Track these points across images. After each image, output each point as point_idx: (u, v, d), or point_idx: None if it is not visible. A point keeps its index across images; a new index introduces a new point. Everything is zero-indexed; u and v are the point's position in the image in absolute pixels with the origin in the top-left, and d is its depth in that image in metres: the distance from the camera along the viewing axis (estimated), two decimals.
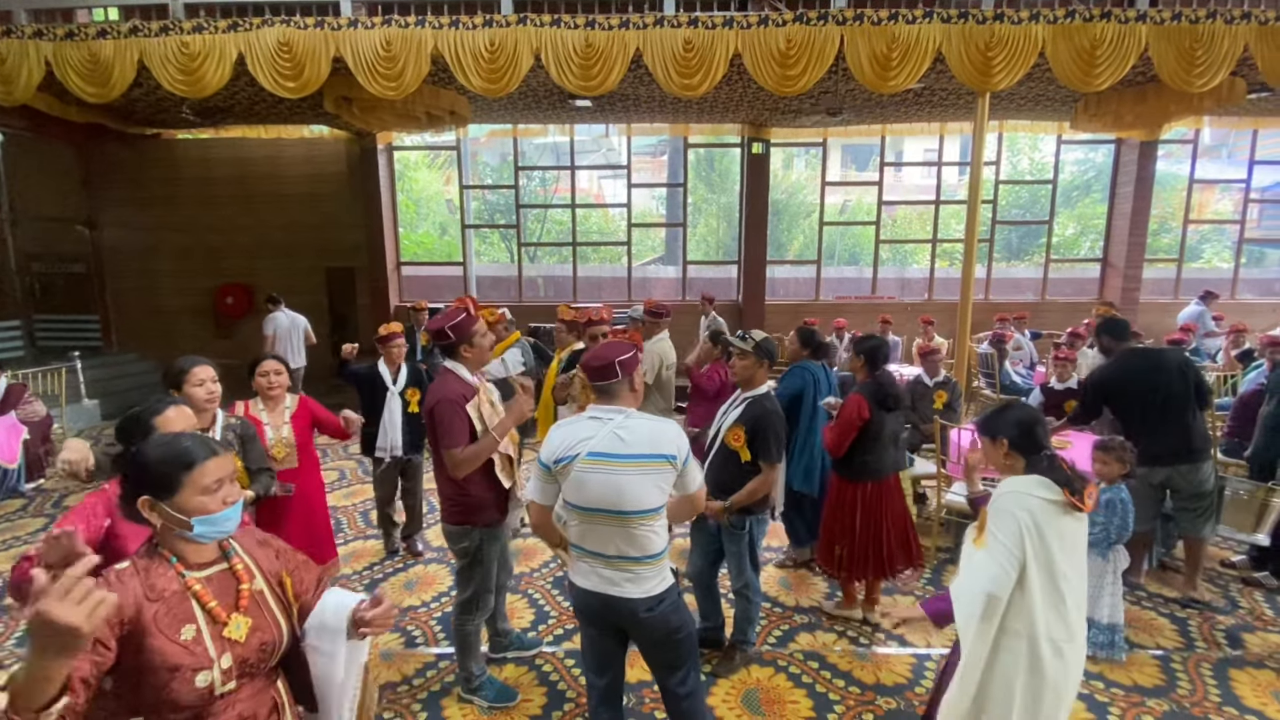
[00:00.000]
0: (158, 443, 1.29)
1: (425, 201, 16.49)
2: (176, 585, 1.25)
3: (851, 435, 3.00)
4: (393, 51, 5.10)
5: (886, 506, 3.13)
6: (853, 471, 3.11)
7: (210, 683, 1.24)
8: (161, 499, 1.23)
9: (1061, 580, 1.73)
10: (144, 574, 1.23)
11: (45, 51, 5.21)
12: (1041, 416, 2.01)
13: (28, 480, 5.41)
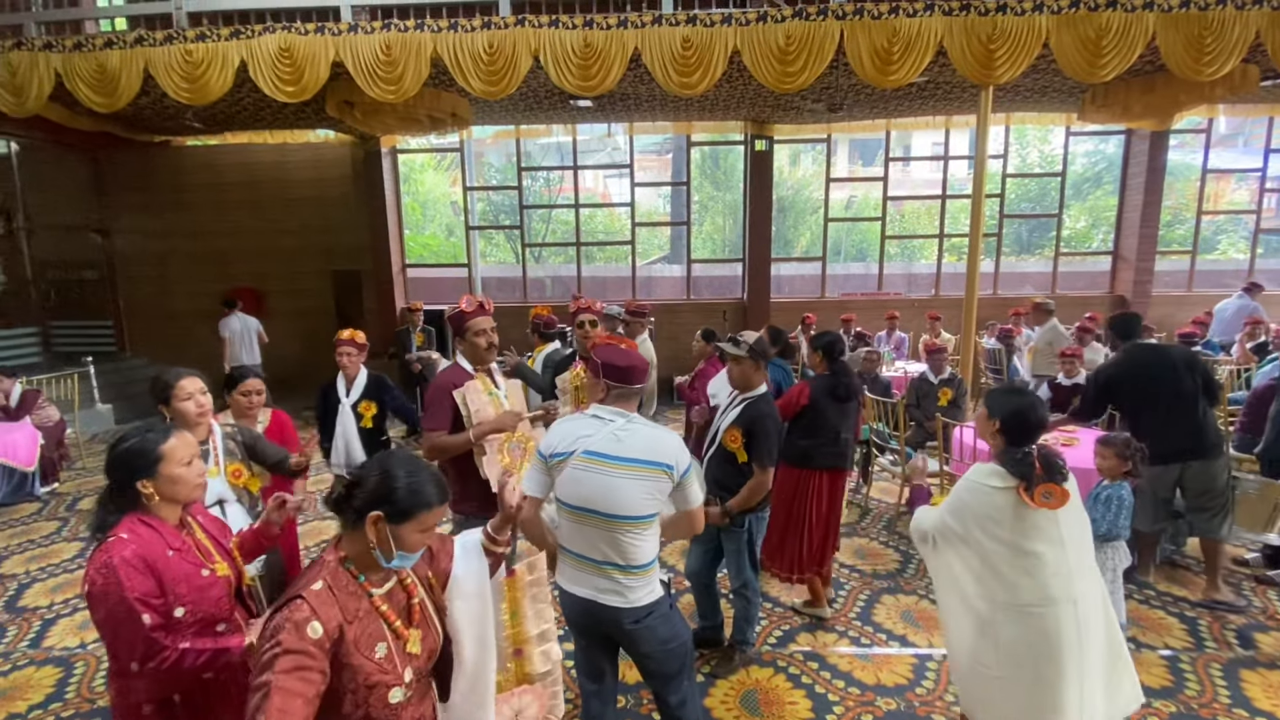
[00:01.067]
0: (413, 469, 1.31)
1: (432, 203, 16.56)
2: (365, 604, 1.28)
3: (783, 416, 3.01)
4: (392, 55, 5.12)
5: (812, 501, 3.15)
6: (781, 454, 3.05)
7: (400, 698, 1.28)
8: (391, 522, 1.25)
9: (1024, 556, 1.81)
10: (339, 594, 1.24)
11: (55, 63, 5.28)
12: (1045, 417, 2.00)
13: (43, 484, 5.51)
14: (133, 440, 1.58)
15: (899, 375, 6.24)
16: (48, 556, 4.33)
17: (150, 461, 1.55)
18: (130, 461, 1.55)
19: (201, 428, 2.30)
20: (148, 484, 1.55)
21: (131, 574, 1.44)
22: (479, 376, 2.54)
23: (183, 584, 1.53)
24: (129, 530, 1.52)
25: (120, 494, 1.56)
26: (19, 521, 4.97)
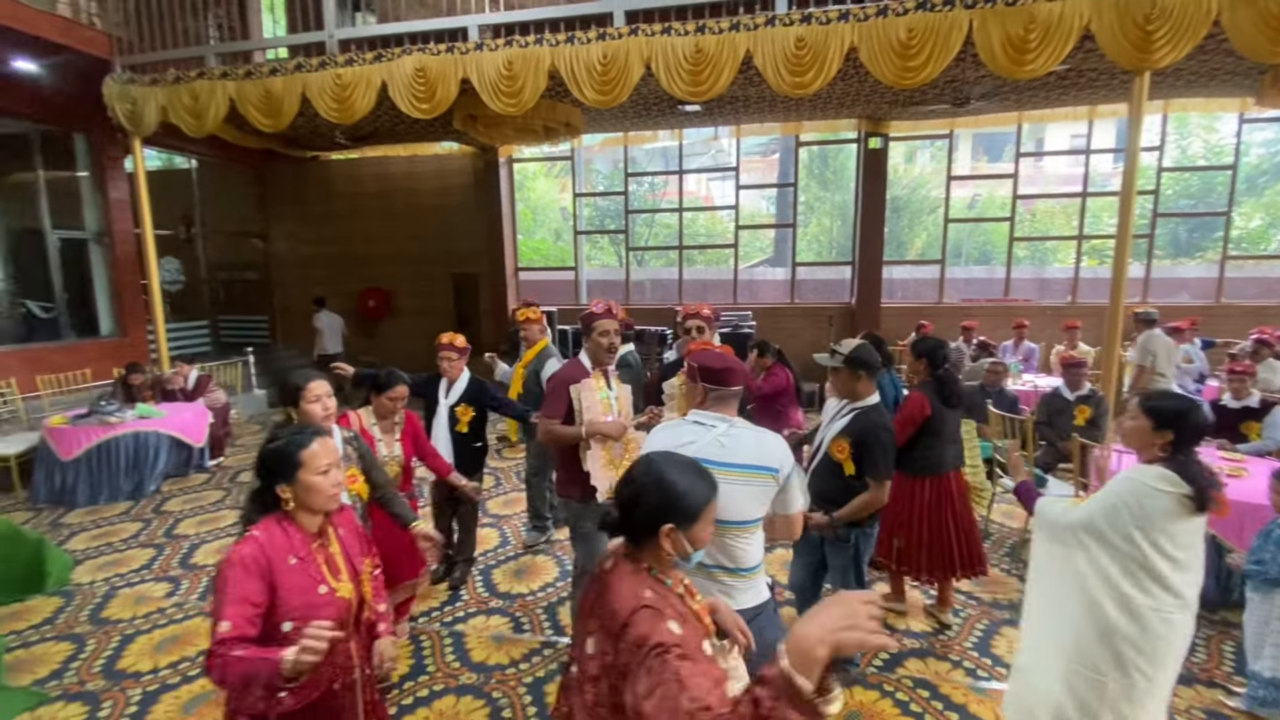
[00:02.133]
0: (680, 469, 1.31)
1: (542, 209, 17.30)
2: (683, 605, 1.29)
3: (910, 430, 3.08)
4: (514, 71, 5.41)
5: (948, 504, 3.17)
6: (913, 466, 3.14)
7: None
8: (681, 527, 1.27)
9: (1174, 561, 1.82)
10: (668, 601, 1.25)
11: (230, 89, 6.05)
12: (1205, 424, 1.98)
13: (210, 458, 6.31)
14: (279, 442, 1.57)
15: (1027, 389, 5.75)
16: (214, 521, 4.97)
17: (290, 466, 1.54)
18: (272, 464, 1.55)
19: None
20: (286, 489, 1.55)
21: (238, 573, 1.43)
22: (595, 375, 2.66)
23: (296, 596, 1.49)
24: (263, 529, 1.53)
25: (264, 494, 1.58)
26: (191, 490, 5.72)
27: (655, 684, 1.03)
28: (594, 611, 1.30)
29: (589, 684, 1.24)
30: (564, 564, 4.13)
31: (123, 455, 5.40)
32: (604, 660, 1.21)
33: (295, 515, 1.58)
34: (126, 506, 5.29)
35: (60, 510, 5.21)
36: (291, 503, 1.55)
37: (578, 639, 1.36)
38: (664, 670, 1.04)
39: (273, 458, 1.55)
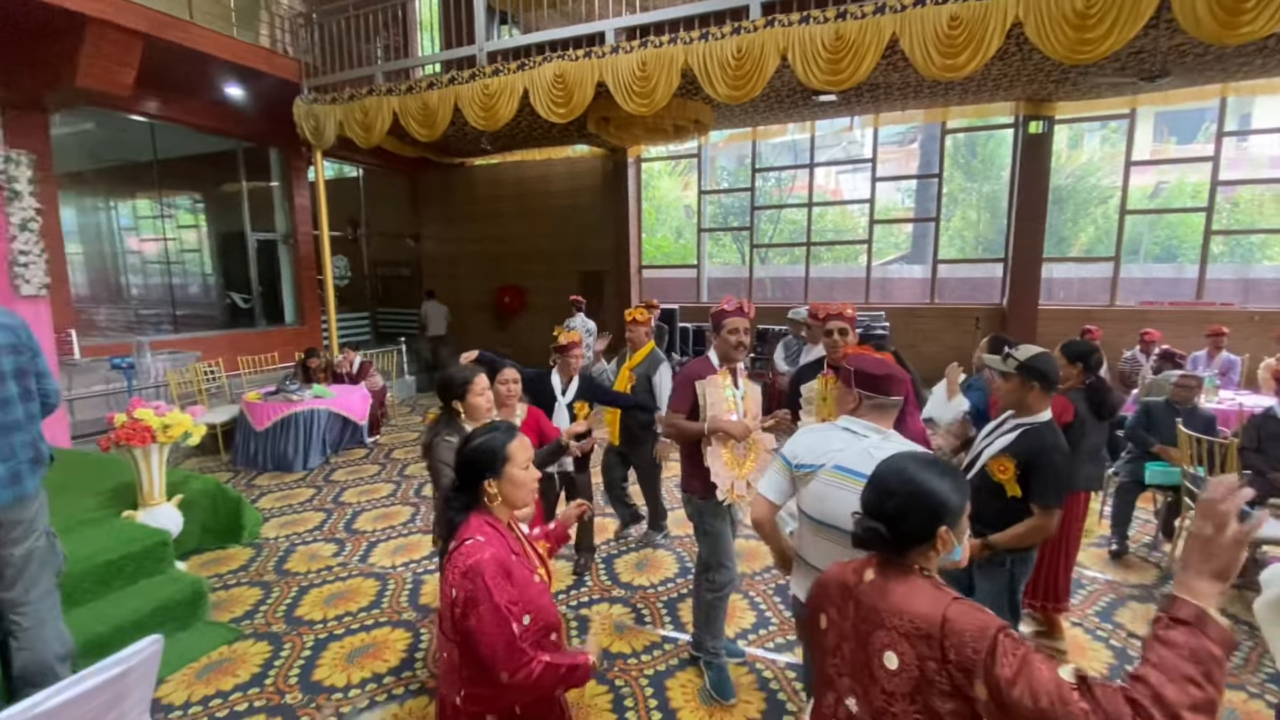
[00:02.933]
0: (942, 469, 1.31)
1: (664, 208, 17.43)
2: None
3: None
4: (647, 71, 5.49)
5: (1063, 528, 2.86)
6: None
7: None
8: (953, 524, 1.29)
9: None
10: None
11: (393, 104, 6.70)
12: None
13: (370, 435, 7.05)
14: (483, 439, 1.57)
15: (1228, 408, 4.92)
16: (372, 492, 5.54)
17: (499, 461, 1.54)
18: (480, 460, 1.54)
19: None
20: (494, 484, 1.55)
21: (498, 579, 1.42)
22: (722, 373, 2.63)
23: (527, 589, 1.52)
24: (478, 530, 1.51)
25: (466, 492, 1.58)
26: (353, 463, 6.42)
27: (1019, 665, 1.04)
28: (869, 632, 1.23)
29: (900, 702, 1.17)
30: (684, 560, 4.14)
31: (301, 429, 6.17)
32: (923, 671, 1.14)
33: (497, 512, 1.58)
34: (302, 474, 6.04)
35: (252, 473, 6.07)
36: (499, 498, 1.56)
37: (848, 669, 1.28)
38: (1016, 648, 1.06)
39: (482, 454, 1.55)
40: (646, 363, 4.00)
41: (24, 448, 2.00)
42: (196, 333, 8.54)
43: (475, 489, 1.57)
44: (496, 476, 1.55)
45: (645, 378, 3.94)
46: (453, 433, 2.35)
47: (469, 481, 1.57)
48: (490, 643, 1.41)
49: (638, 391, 3.94)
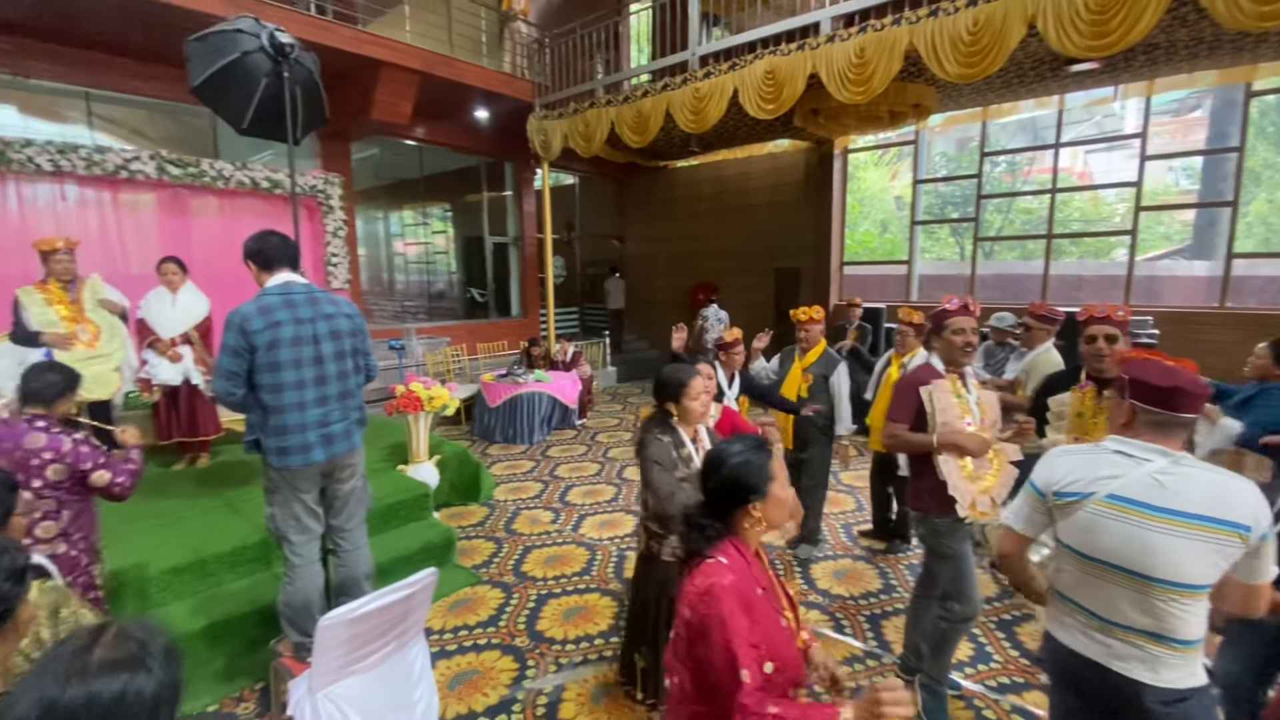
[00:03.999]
0: None
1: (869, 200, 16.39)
2: None
3: None
4: (865, 57, 5.23)
5: None
6: None
7: None
8: None
9: None
10: None
11: (611, 114, 7.22)
12: None
13: (579, 418, 7.72)
14: (746, 457, 1.38)
15: None
16: (581, 470, 6.07)
17: (766, 480, 1.37)
18: (749, 479, 1.36)
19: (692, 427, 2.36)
20: (758, 506, 1.37)
21: (735, 610, 1.26)
22: (949, 377, 2.42)
23: (771, 632, 1.32)
24: (726, 553, 1.35)
25: (724, 515, 1.40)
26: (564, 442, 7.09)
27: None
28: None
29: None
30: (887, 576, 3.91)
31: (524, 408, 6.98)
32: None
33: (749, 538, 1.41)
34: (524, 448, 6.84)
35: (485, 443, 7.02)
36: (763, 522, 1.39)
37: None
38: None
39: (753, 472, 1.37)
40: (822, 362, 3.85)
41: (355, 410, 2.58)
42: (444, 321, 10.08)
43: (735, 512, 1.38)
44: (762, 498, 1.38)
45: (822, 378, 3.82)
46: (665, 433, 2.33)
47: (730, 504, 1.38)
48: (716, 678, 1.26)
49: (814, 392, 3.81)
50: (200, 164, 5.31)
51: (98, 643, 0.71)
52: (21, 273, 4.51)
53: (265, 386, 2.31)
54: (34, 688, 0.67)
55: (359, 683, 2.21)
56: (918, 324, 3.90)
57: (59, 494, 2.19)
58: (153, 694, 0.71)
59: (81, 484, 2.23)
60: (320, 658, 2.05)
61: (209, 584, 3.23)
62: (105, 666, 0.69)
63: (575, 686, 2.88)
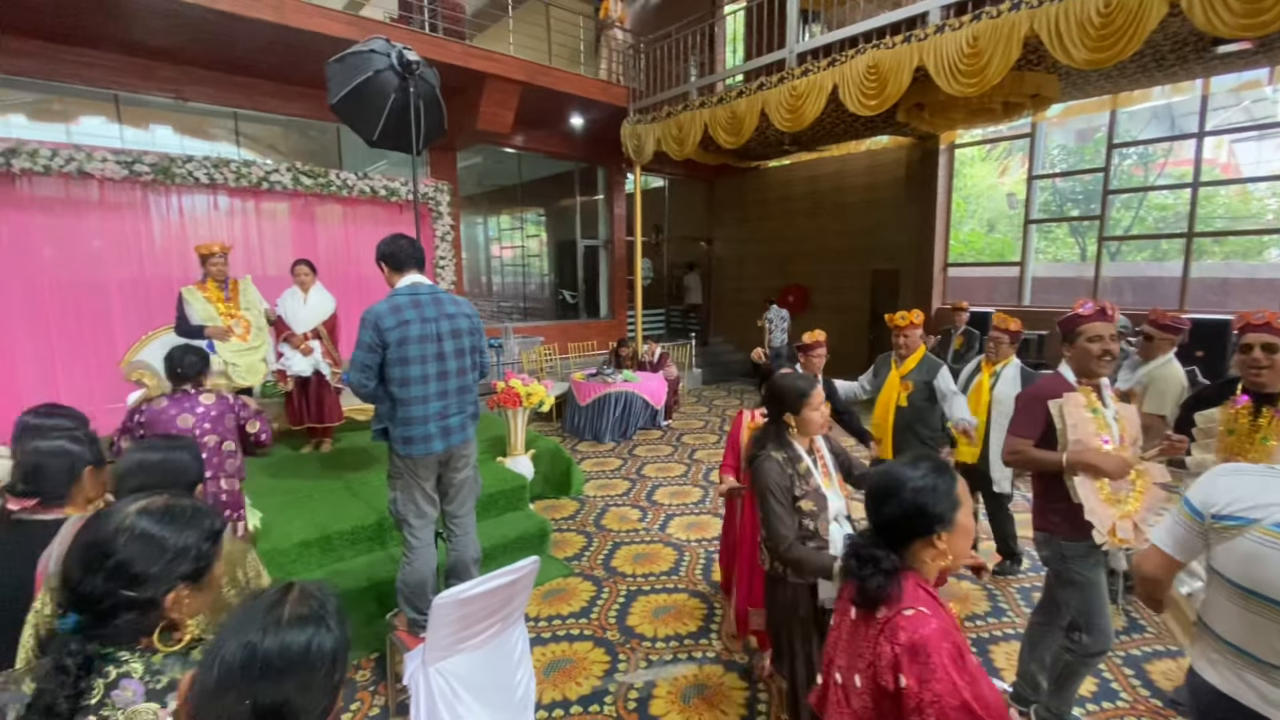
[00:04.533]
0: None
1: (975, 197, 15.41)
2: None
3: None
4: (978, 47, 4.93)
5: None
6: None
7: None
8: None
9: None
10: None
11: (704, 116, 7.22)
12: None
13: (665, 419, 7.77)
14: (930, 480, 1.22)
15: None
16: (667, 470, 6.11)
17: (953, 506, 1.22)
18: (934, 506, 1.21)
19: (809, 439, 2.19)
20: (945, 537, 1.23)
21: (951, 670, 1.10)
22: (1083, 390, 2.23)
23: (978, 680, 1.15)
24: (919, 599, 1.18)
25: (899, 549, 1.24)
26: (651, 442, 7.16)
27: None
28: None
29: None
30: (996, 598, 3.67)
31: (612, 406, 7.11)
32: None
33: (926, 572, 1.24)
34: (611, 446, 6.97)
35: (575, 440, 7.21)
36: (948, 556, 1.24)
37: None
38: None
39: (940, 497, 1.21)
40: (922, 368, 3.64)
41: (470, 404, 2.76)
42: (537, 321, 10.45)
43: (913, 543, 1.24)
44: (948, 527, 1.23)
45: (924, 384, 3.62)
46: (779, 448, 2.12)
47: (909, 534, 1.24)
48: None
49: (915, 400, 3.62)
50: (328, 174, 5.81)
51: (286, 599, 0.81)
52: (181, 273, 5.14)
53: (394, 380, 2.51)
54: (237, 635, 0.77)
55: (466, 660, 2.35)
56: (1013, 331, 3.67)
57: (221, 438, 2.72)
58: (331, 648, 0.80)
59: (238, 432, 2.77)
60: (433, 634, 2.19)
61: (331, 559, 3.53)
62: (294, 621, 0.79)
63: (666, 684, 2.91)
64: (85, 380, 4.88)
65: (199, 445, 2.47)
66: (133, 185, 5.00)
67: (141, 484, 1.30)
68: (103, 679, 0.87)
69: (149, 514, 0.94)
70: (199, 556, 0.97)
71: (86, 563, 0.88)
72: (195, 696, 0.75)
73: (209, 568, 0.99)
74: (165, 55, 6.29)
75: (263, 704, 0.73)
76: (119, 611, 0.88)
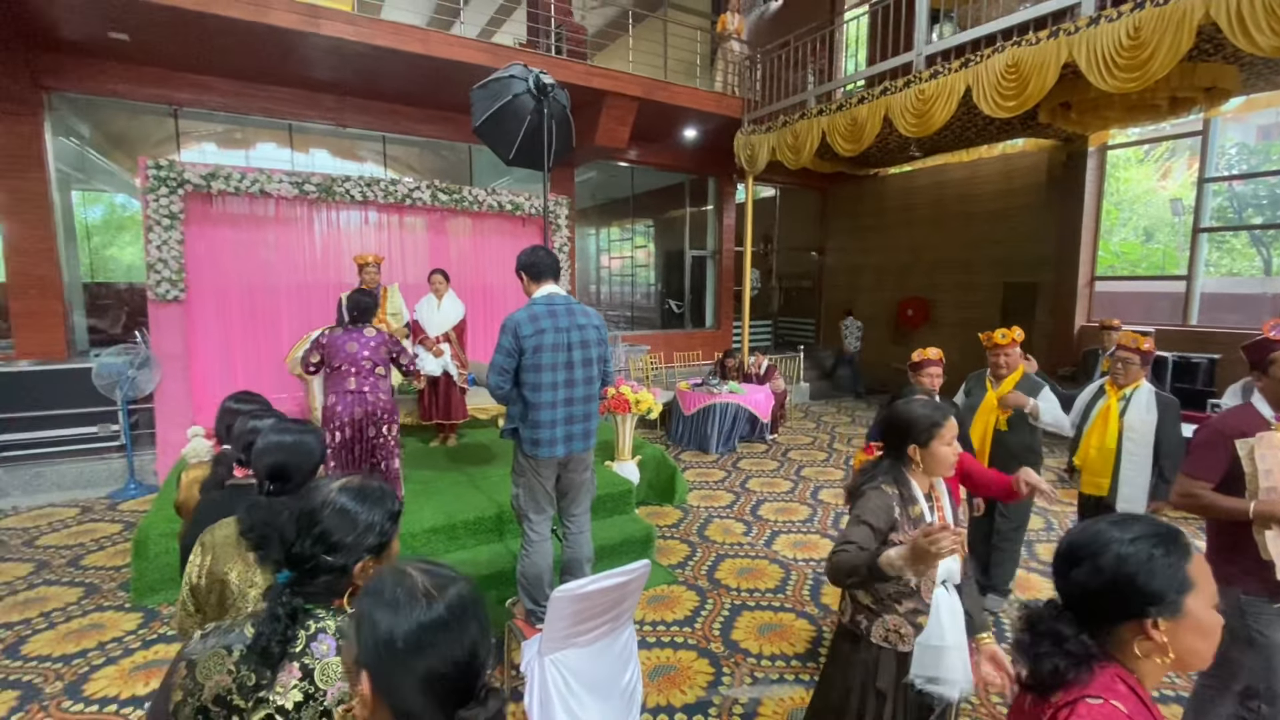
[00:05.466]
0: None
1: (1129, 204, 13.83)
2: None
3: None
4: (1140, 38, 4.46)
5: None
6: None
7: None
8: None
9: None
10: None
11: (822, 124, 7.05)
12: None
13: (770, 432, 7.63)
14: (1147, 548, 0.95)
15: None
16: (773, 485, 5.99)
17: (1182, 588, 0.94)
18: (1150, 583, 0.93)
19: None
20: (1162, 627, 0.93)
21: None
22: (1279, 427, 1.94)
23: None
24: (1116, 693, 0.93)
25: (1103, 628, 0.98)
26: (755, 455, 7.05)
27: None
28: None
29: None
30: None
31: (717, 417, 7.09)
32: None
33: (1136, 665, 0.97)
34: (715, 457, 6.94)
35: (679, 448, 7.25)
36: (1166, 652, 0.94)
37: None
38: None
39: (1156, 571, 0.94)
40: (1024, 388, 3.36)
41: (594, 412, 2.89)
42: (644, 330, 10.63)
43: (1118, 627, 0.97)
44: (1172, 615, 0.93)
45: None
46: (892, 482, 1.79)
47: (1112, 614, 0.97)
48: None
49: (1013, 422, 3.36)
50: (462, 191, 6.28)
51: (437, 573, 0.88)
52: (337, 280, 5.75)
53: (528, 384, 2.68)
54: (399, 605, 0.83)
55: (578, 655, 2.44)
56: (1145, 351, 3.28)
57: (375, 363, 3.63)
58: (480, 627, 0.86)
59: (393, 362, 3.75)
60: (550, 625, 2.30)
61: (455, 546, 3.79)
62: (451, 598, 0.85)
63: (771, 703, 2.86)
64: (257, 372, 5.59)
65: (360, 365, 3.58)
66: (300, 202, 5.69)
67: (275, 460, 1.49)
68: (305, 631, 1.01)
69: (346, 491, 1.08)
70: (382, 533, 1.10)
71: (299, 528, 1.03)
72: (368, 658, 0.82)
73: (389, 543, 1.11)
74: (329, 88, 7.10)
75: (432, 670, 0.80)
76: (319, 573, 1.03)
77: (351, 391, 3.54)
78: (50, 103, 6.15)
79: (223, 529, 1.45)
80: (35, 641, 3.23)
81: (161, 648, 3.19)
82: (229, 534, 1.43)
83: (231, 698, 0.94)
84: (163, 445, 5.26)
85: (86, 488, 5.39)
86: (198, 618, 1.43)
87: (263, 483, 1.44)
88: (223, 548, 1.41)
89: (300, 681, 0.98)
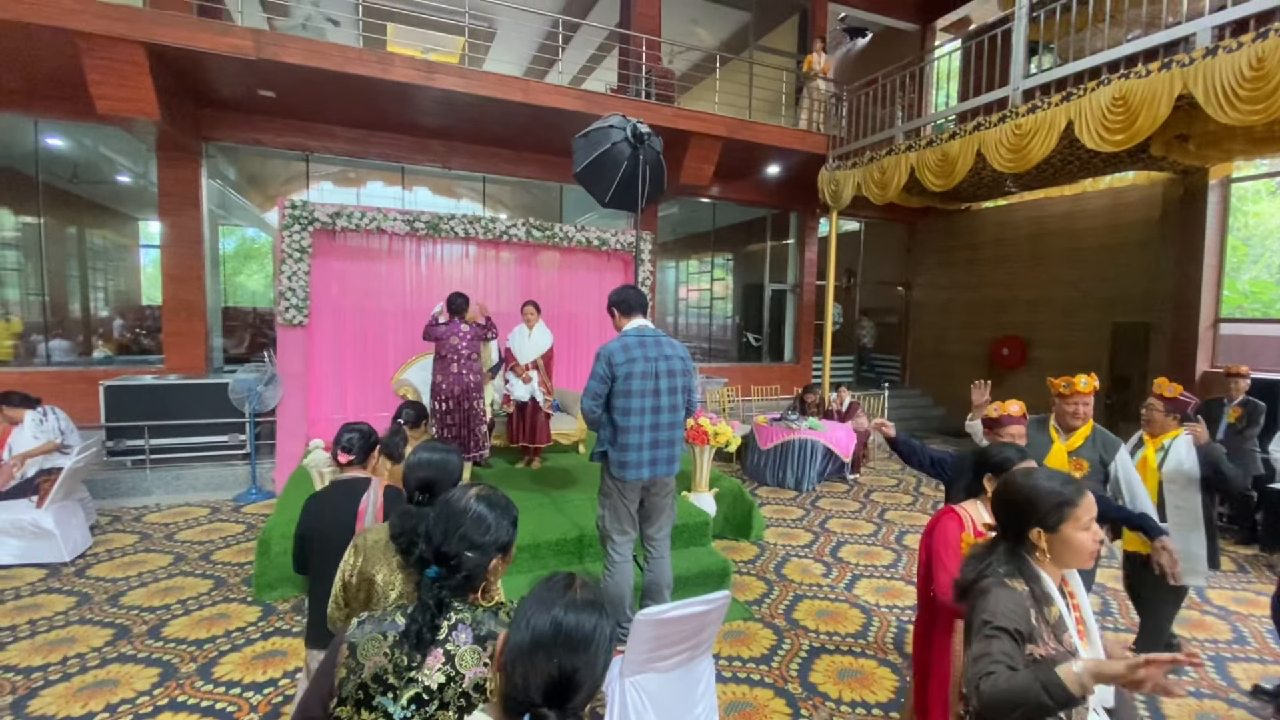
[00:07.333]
0: None
1: (1258, 240, 12.59)
2: None
3: None
4: (1264, 69, 4.19)
5: None
6: None
7: None
8: None
9: None
10: None
11: (910, 159, 6.96)
12: None
13: (851, 471, 7.41)
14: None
15: None
16: (854, 527, 5.81)
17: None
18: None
19: None
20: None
21: None
22: None
23: None
24: None
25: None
26: (836, 495, 6.86)
27: None
28: None
29: None
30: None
31: (796, 454, 6.98)
32: None
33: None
34: (793, 494, 6.81)
35: (755, 484, 7.18)
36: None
37: None
38: None
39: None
40: (1096, 443, 2.93)
41: (679, 439, 3.01)
42: (721, 363, 10.66)
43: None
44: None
45: (1098, 463, 2.91)
46: (1018, 576, 1.41)
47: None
48: None
49: (1091, 480, 2.90)
50: (553, 228, 6.65)
51: (574, 585, 1.02)
52: None
53: (618, 409, 2.84)
54: (542, 608, 0.97)
55: (657, 679, 2.49)
56: (1170, 398, 3.05)
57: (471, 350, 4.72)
58: (609, 633, 0.98)
59: (480, 340, 4.83)
60: (632, 647, 2.37)
61: (538, 565, 3.95)
62: (585, 604, 0.98)
63: None
64: (364, 392, 6.08)
65: (460, 353, 4.71)
66: (409, 237, 6.22)
67: (425, 475, 1.70)
68: (447, 621, 1.16)
69: (481, 499, 1.24)
70: (507, 534, 1.25)
71: (445, 530, 1.19)
72: (510, 652, 0.96)
73: (512, 544, 1.27)
74: (436, 134, 7.76)
75: (564, 668, 0.92)
76: (461, 569, 1.18)
77: (453, 373, 4.68)
78: (206, 150, 7.08)
79: (374, 534, 1.67)
80: (174, 625, 3.64)
81: (278, 640, 3.51)
82: (379, 538, 1.64)
83: (387, 676, 1.10)
84: (282, 455, 5.80)
85: (216, 490, 6.01)
86: (345, 611, 1.63)
87: (412, 494, 1.64)
88: (373, 550, 1.62)
89: (444, 665, 1.12)
